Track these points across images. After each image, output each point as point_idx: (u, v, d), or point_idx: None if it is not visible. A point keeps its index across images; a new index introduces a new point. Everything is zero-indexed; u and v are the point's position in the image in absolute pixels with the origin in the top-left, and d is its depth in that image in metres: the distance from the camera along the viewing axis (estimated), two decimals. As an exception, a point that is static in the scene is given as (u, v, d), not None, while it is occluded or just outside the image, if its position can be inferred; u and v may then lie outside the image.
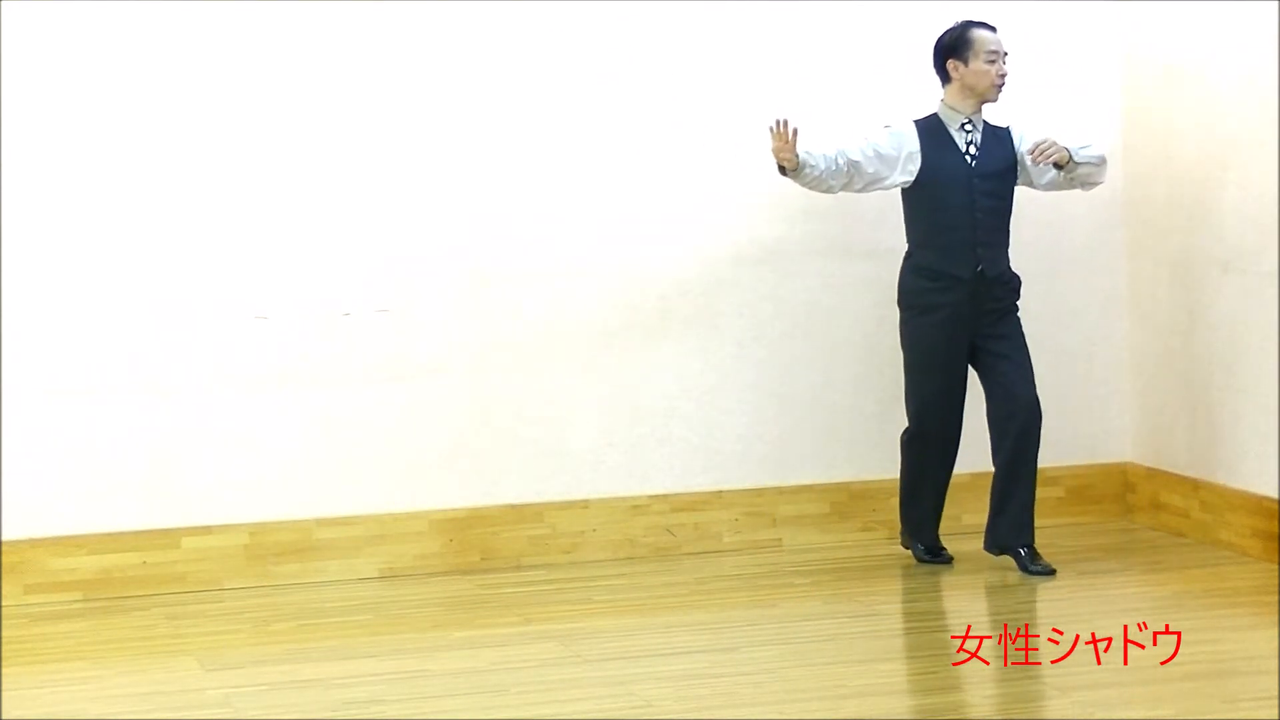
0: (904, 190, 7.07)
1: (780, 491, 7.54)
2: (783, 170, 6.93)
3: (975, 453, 7.59)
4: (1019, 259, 7.14)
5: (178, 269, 7.06)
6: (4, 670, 6.18)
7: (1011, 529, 7.02)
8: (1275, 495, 6.96)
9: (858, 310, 7.59)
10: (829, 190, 7.05)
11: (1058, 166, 6.97)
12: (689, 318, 7.47)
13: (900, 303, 7.13)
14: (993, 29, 7.01)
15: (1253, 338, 7.08)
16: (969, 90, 7.00)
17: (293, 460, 7.17)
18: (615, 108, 7.38)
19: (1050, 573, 6.94)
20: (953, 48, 7.01)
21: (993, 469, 7.09)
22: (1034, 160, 6.96)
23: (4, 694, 5.93)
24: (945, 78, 7.05)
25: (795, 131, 6.84)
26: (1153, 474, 7.68)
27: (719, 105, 7.45)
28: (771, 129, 6.86)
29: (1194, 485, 7.42)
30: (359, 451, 7.23)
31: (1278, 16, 6.87)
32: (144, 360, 7.04)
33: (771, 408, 7.54)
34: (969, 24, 7.02)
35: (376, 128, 7.20)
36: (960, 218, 6.98)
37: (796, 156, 6.85)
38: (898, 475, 7.26)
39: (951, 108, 7.05)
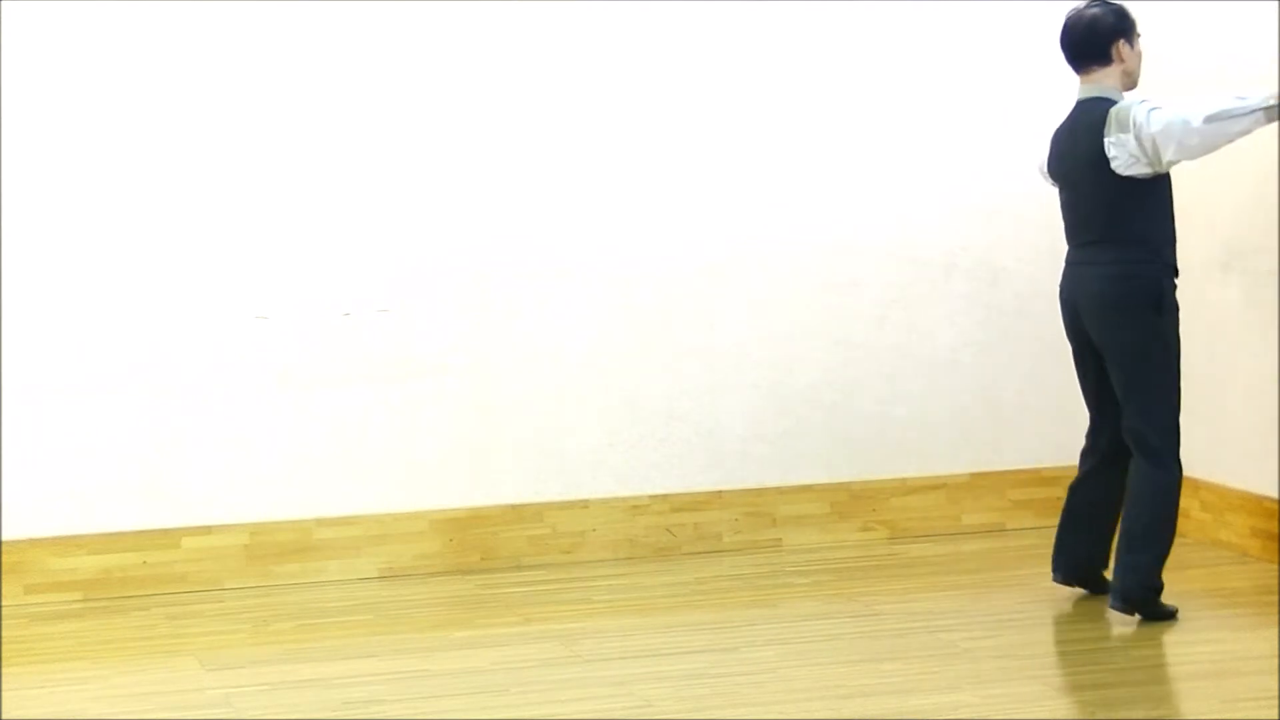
0: (1137, 180, 6.29)
1: (780, 491, 7.54)
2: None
3: (974, 450, 7.62)
4: (1021, 259, 7.15)
5: (178, 269, 7.05)
6: (4, 670, 6.18)
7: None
8: (1275, 495, 6.96)
9: (858, 310, 7.58)
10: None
11: None
12: (689, 318, 7.47)
13: (1153, 306, 6.36)
14: None
15: (1252, 338, 7.08)
16: (1127, 75, 6.40)
17: (293, 460, 7.17)
18: (616, 108, 7.37)
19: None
20: (1121, 29, 6.38)
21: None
22: None
23: (4, 694, 5.93)
24: (1105, 61, 6.37)
25: None
26: (1153, 474, 7.67)
27: (720, 106, 7.45)
28: None
29: (1194, 485, 7.42)
30: (359, 451, 7.22)
31: (1277, 16, 6.87)
32: (144, 360, 7.03)
33: (771, 408, 7.54)
34: (1120, 3, 6.45)
35: (377, 128, 7.19)
36: (1172, 211, 6.46)
37: None
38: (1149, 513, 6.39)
39: (1120, 93, 6.38)
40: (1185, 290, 7.46)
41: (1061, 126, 6.56)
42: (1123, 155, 6.25)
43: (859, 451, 7.60)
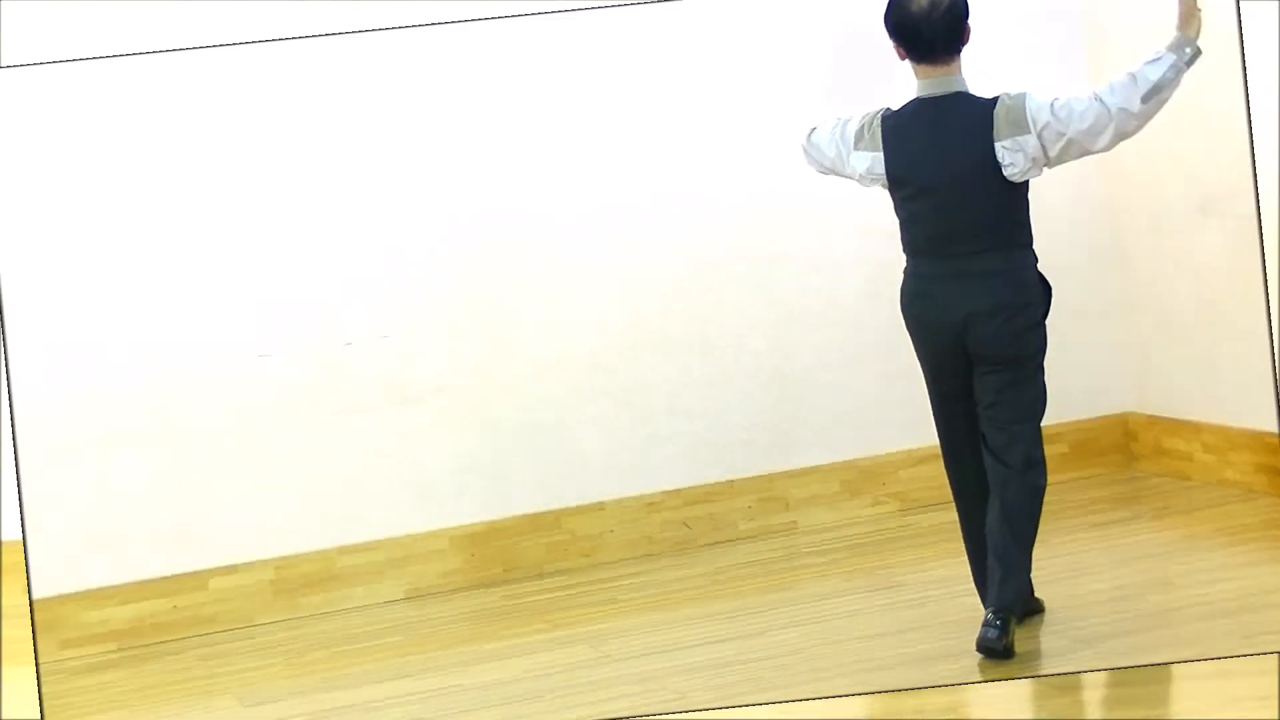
0: (1025, 183, 5.77)
1: (789, 475, 7.59)
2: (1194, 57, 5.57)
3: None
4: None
5: (186, 315, 7.06)
6: (48, 726, 6.24)
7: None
8: (1276, 430, 7.00)
9: (849, 288, 7.64)
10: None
11: None
12: (683, 312, 7.51)
13: (1045, 311, 5.88)
14: None
15: (1236, 278, 7.12)
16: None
17: (310, 492, 7.20)
18: (614, 109, 7.39)
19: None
20: (968, 10, 5.71)
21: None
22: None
23: (50, 750, 6.00)
24: (959, 50, 5.73)
25: None
26: (1153, 421, 7.73)
27: (716, 107, 7.48)
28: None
29: (1195, 428, 7.47)
30: (373, 477, 7.26)
31: (1278, 16, 6.89)
32: (155, 408, 7.06)
33: (771, 394, 7.59)
34: None
35: (373, 133, 7.19)
36: None
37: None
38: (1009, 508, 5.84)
39: (966, 84, 5.77)
40: (1167, 235, 7.53)
41: (908, 125, 5.78)
42: (1019, 160, 5.63)
43: (862, 428, 7.64)
